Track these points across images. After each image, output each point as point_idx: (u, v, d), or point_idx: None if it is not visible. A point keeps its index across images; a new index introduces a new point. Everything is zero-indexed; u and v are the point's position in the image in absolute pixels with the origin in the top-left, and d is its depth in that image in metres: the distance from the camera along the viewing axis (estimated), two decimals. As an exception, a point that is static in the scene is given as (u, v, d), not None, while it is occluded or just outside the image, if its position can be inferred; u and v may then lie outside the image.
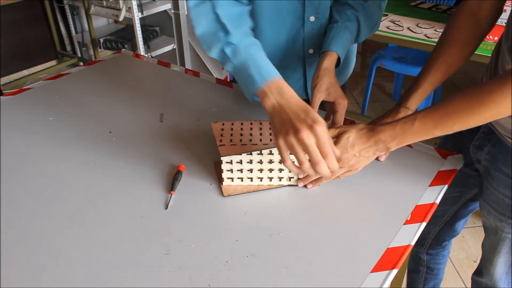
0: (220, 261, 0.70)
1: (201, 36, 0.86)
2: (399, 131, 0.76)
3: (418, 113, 0.75)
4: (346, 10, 0.98)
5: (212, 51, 0.85)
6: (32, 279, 0.68)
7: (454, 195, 1.08)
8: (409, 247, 0.73)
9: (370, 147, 0.79)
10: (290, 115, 0.73)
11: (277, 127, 0.75)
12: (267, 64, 0.80)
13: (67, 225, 0.78)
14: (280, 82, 0.78)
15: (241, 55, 0.81)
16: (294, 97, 0.76)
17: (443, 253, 1.23)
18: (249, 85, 0.80)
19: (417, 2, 2.33)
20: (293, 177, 0.86)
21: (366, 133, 0.79)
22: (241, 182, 0.86)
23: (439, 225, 1.15)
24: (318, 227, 0.77)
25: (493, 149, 0.89)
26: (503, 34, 0.83)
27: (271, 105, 0.76)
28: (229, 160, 0.83)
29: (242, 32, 0.84)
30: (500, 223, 0.90)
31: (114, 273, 0.69)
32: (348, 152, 0.80)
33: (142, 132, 1.04)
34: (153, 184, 0.87)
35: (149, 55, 2.97)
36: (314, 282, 0.67)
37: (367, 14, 0.99)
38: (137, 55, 1.48)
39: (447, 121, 0.72)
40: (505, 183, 0.86)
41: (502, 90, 0.66)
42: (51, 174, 0.91)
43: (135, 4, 2.70)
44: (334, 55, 0.94)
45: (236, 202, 0.83)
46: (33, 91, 1.25)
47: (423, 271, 1.27)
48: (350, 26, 0.97)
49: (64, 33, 3.50)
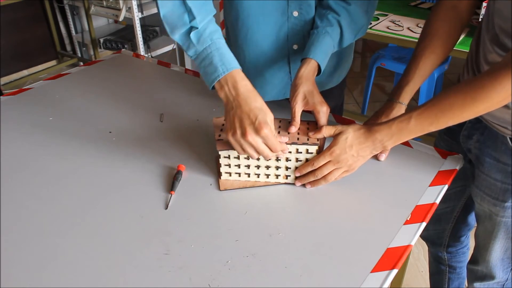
0: (220, 261, 0.70)
1: (164, 17, 0.86)
2: (395, 129, 0.77)
3: (414, 112, 0.76)
4: (328, 14, 0.96)
5: (175, 34, 0.85)
6: (32, 279, 0.68)
7: (457, 190, 1.10)
8: (409, 247, 0.73)
9: (367, 146, 0.81)
10: (240, 115, 0.78)
11: (228, 122, 0.80)
12: (229, 54, 0.83)
13: (67, 225, 0.78)
14: (238, 76, 0.80)
15: (206, 41, 0.82)
16: (250, 91, 0.80)
17: (463, 250, 1.24)
18: (210, 73, 0.81)
19: (417, 2, 2.33)
20: (290, 175, 0.87)
21: (363, 133, 0.81)
22: (238, 177, 0.87)
23: (452, 222, 1.17)
24: (318, 227, 0.77)
25: (482, 137, 0.91)
26: (482, 25, 0.85)
27: (226, 97, 0.81)
28: (227, 155, 0.84)
29: (207, 18, 0.84)
30: (494, 208, 0.92)
31: (114, 273, 0.69)
32: (346, 152, 0.81)
33: (142, 132, 1.04)
34: (153, 184, 0.87)
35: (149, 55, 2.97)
36: (314, 282, 0.67)
37: (351, 18, 0.96)
38: (137, 55, 1.48)
39: (442, 117, 0.74)
40: (496, 168, 0.88)
41: (494, 85, 0.68)
42: (51, 174, 0.91)
43: (135, 4, 2.70)
44: (313, 62, 0.92)
45: (236, 202, 0.83)
46: (33, 91, 1.25)
47: (445, 271, 1.28)
48: (331, 31, 0.95)
49: (64, 33, 3.50)
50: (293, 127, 0.86)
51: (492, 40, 0.80)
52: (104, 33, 3.24)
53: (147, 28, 3.16)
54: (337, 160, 0.81)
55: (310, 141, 0.83)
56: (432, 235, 1.23)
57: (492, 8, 0.80)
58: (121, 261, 0.71)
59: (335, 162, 0.81)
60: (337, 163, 0.81)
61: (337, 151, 0.81)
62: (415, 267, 1.77)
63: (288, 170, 0.86)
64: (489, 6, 0.82)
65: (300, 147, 0.83)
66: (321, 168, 0.82)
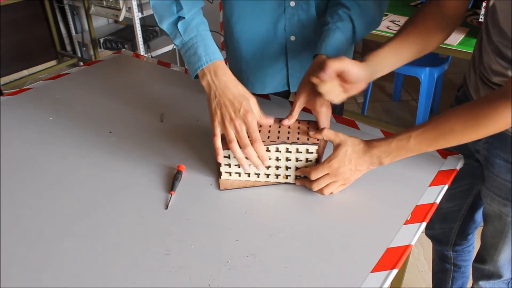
0: (220, 261, 0.70)
1: (154, 7, 0.90)
2: (394, 147, 0.78)
3: (413, 131, 0.76)
4: (338, 9, 0.96)
5: (163, 23, 0.89)
6: (32, 279, 0.68)
7: (464, 188, 1.09)
8: (409, 247, 0.73)
9: (365, 161, 0.81)
10: (226, 103, 0.82)
11: (213, 109, 0.84)
12: (213, 45, 0.87)
13: (67, 225, 0.78)
14: (220, 65, 0.84)
15: (192, 32, 0.87)
16: (231, 80, 0.84)
17: (469, 249, 1.24)
18: (194, 62, 0.86)
19: (417, 2, 2.34)
20: (290, 175, 0.87)
21: (362, 148, 0.81)
22: (238, 177, 0.87)
23: (459, 220, 1.16)
24: (318, 227, 0.77)
25: (491, 138, 0.90)
26: (483, 33, 0.84)
27: (208, 86, 0.85)
28: (227, 154, 0.85)
29: (194, 9, 0.88)
30: (504, 208, 0.92)
31: (114, 273, 0.69)
32: (345, 166, 0.81)
33: (142, 132, 1.04)
34: (153, 184, 0.87)
35: (149, 55, 2.97)
36: (314, 282, 0.67)
37: (362, 12, 0.96)
38: (137, 55, 1.48)
39: (441, 140, 0.75)
40: (505, 169, 0.89)
41: (494, 115, 0.69)
42: (51, 174, 0.91)
43: (135, 4, 2.70)
44: (324, 58, 0.90)
45: (236, 202, 0.83)
46: (33, 91, 1.25)
47: (450, 270, 1.28)
48: (341, 26, 0.94)
49: (64, 33, 3.50)
50: (286, 120, 0.87)
51: (494, 51, 0.80)
52: (104, 33, 3.24)
53: (147, 28, 3.16)
54: (335, 173, 0.81)
55: (310, 141, 0.83)
56: (439, 234, 1.23)
57: (486, 16, 0.80)
58: (121, 261, 0.71)
59: (333, 176, 0.81)
60: (334, 176, 0.81)
61: (336, 165, 0.81)
62: (415, 267, 1.77)
63: (288, 170, 0.86)
64: (488, 15, 0.82)
65: (300, 146, 0.83)
66: (318, 181, 0.82)
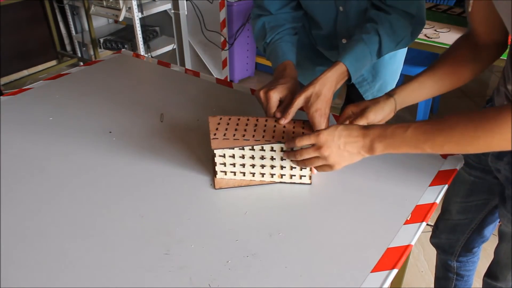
0: (220, 261, 0.70)
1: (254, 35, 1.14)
2: (389, 133, 0.73)
3: (413, 123, 0.73)
4: (367, 23, 0.98)
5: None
6: (32, 279, 0.68)
7: (479, 203, 1.06)
8: (409, 247, 0.73)
9: (356, 141, 0.76)
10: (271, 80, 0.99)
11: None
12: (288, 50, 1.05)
13: (67, 225, 0.78)
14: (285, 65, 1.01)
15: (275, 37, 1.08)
16: (279, 71, 1.00)
17: (473, 260, 1.21)
18: (272, 61, 1.06)
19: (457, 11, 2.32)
20: (284, 175, 0.87)
21: (355, 127, 0.77)
22: (234, 176, 0.87)
23: (468, 233, 1.13)
24: (318, 227, 0.77)
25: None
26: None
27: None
28: (222, 153, 0.85)
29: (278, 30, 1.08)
30: None
31: (114, 273, 0.69)
32: (333, 140, 0.76)
33: (142, 132, 1.04)
34: (153, 184, 0.87)
35: (149, 55, 2.97)
36: (314, 282, 0.67)
37: (391, 27, 0.97)
38: (137, 55, 1.48)
39: (439, 137, 0.71)
40: None
41: (494, 130, 0.66)
42: (51, 174, 0.91)
43: (135, 4, 2.70)
44: (341, 66, 0.92)
45: (237, 202, 0.83)
46: (33, 91, 1.25)
47: (453, 278, 1.25)
48: (366, 38, 0.95)
49: (64, 33, 3.50)
50: (283, 119, 0.89)
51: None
52: (104, 33, 3.24)
53: (147, 28, 3.16)
54: (321, 146, 0.76)
55: None
56: (444, 244, 1.20)
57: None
58: (121, 261, 0.71)
59: (318, 148, 0.77)
60: (320, 148, 0.77)
61: (324, 137, 0.76)
62: (415, 267, 1.77)
63: (283, 169, 0.86)
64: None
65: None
66: (302, 151, 0.79)
